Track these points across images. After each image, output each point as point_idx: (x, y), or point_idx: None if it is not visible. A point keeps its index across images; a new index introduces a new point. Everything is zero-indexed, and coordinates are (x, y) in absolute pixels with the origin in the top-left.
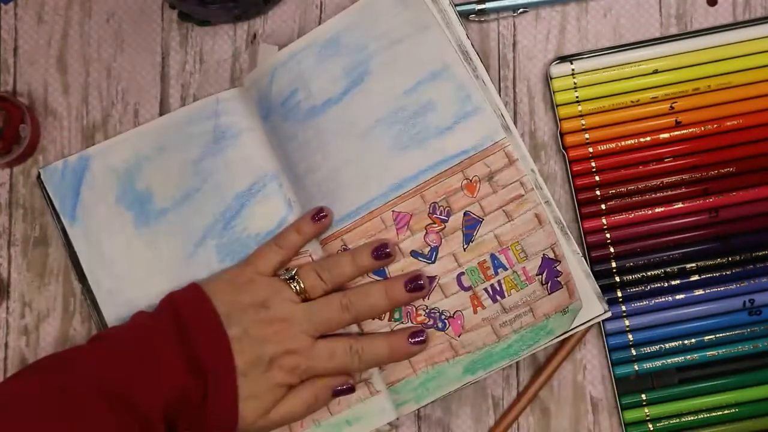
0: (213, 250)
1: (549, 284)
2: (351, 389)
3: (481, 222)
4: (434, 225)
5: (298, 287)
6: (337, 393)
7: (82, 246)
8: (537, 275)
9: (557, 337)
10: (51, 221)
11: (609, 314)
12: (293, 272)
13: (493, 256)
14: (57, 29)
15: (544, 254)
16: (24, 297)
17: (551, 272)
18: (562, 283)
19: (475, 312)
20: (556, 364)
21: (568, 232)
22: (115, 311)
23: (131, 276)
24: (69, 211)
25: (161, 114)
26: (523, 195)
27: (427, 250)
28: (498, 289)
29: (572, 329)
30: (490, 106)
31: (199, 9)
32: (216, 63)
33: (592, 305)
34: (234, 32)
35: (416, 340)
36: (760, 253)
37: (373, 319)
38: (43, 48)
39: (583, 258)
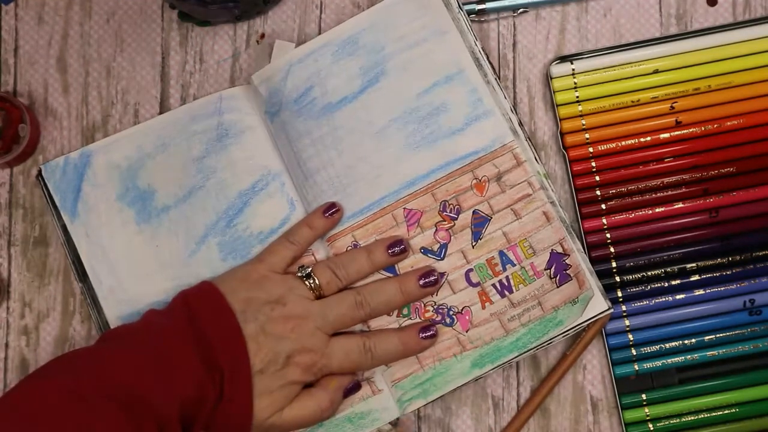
0: (215, 248)
1: (558, 277)
2: (358, 386)
3: (490, 220)
4: (444, 222)
5: (313, 284)
6: (346, 393)
7: (83, 243)
8: (545, 269)
9: (568, 328)
10: (51, 219)
11: (612, 311)
12: (308, 269)
13: (501, 253)
14: (57, 29)
15: (552, 249)
16: (24, 297)
17: (560, 266)
18: (572, 275)
19: (483, 307)
20: (565, 366)
21: (572, 232)
22: (116, 309)
23: (133, 273)
24: (70, 207)
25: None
26: (530, 194)
27: (436, 247)
28: (506, 284)
29: (581, 323)
30: (499, 110)
31: (199, 9)
32: (216, 63)
33: (596, 302)
34: (234, 32)
35: (427, 334)
36: (760, 253)
37: (389, 315)
38: (44, 48)
39: (586, 256)
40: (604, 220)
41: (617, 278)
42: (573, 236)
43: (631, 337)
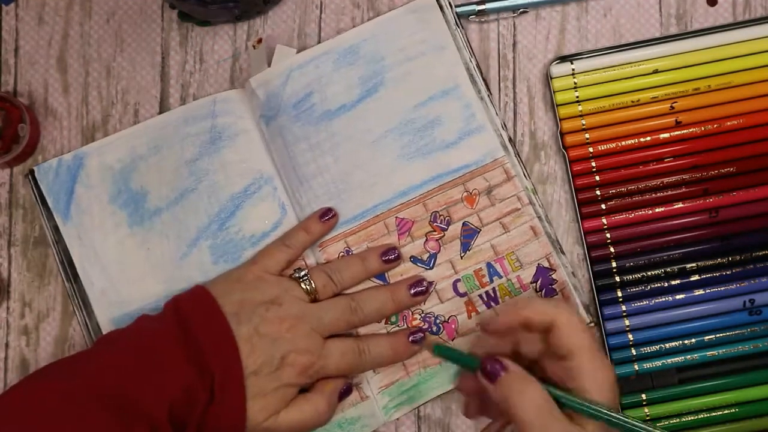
0: (207, 251)
1: (543, 291)
2: (351, 389)
3: (479, 232)
4: (434, 233)
5: (309, 287)
6: (340, 396)
7: (75, 245)
8: (531, 283)
9: None
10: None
11: (593, 324)
12: (304, 272)
13: (488, 265)
14: (57, 29)
15: (539, 264)
16: (24, 297)
17: (546, 280)
18: (557, 290)
19: (470, 317)
20: None
21: (559, 248)
22: (107, 311)
23: (124, 276)
24: (62, 209)
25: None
26: (519, 209)
27: (426, 256)
28: (492, 295)
29: None
30: (491, 125)
31: (199, 9)
32: (216, 63)
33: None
34: (234, 32)
35: (416, 338)
36: (760, 253)
37: (379, 322)
38: (44, 48)
39: (572, 274)
40: (604, 220)
41: (617, 278)
42: (559, 252)
43: (631, 337)
